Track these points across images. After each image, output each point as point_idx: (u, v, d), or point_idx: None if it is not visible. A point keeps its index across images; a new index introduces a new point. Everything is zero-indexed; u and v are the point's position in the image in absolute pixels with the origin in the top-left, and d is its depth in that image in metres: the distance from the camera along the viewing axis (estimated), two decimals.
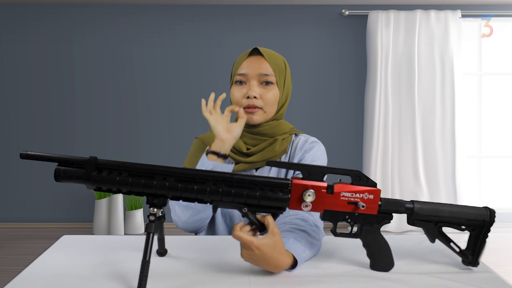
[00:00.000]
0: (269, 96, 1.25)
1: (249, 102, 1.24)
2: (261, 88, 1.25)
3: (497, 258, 3.42)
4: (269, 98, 1.25)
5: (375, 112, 4.15)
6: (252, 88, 1.24)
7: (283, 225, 1.08)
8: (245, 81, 1.26)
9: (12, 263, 3.27)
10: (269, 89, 1.25)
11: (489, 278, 0.89)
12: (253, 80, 1.25)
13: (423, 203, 0.93)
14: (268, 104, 1.25)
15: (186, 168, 0.87)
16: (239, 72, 1.26)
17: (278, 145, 1.27)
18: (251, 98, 1.24)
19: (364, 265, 0.96)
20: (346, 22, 4.30)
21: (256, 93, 1.24)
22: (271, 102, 1.26)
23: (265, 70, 1.25)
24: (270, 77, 1.25)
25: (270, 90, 1.26)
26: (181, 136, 4.33)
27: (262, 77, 1.25)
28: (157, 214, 0.85)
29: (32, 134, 4.30)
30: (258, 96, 1.24)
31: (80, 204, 4.33)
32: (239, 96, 1.25)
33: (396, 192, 4.22)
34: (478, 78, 4.41)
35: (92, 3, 4.25)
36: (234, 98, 1.27)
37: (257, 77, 1.25)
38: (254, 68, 1.25)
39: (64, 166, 0.86)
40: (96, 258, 0.98)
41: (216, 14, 4.29)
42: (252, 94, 1.23)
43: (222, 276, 0.89)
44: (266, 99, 1.25)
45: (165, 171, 0.86)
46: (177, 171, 0.86)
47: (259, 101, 1.24)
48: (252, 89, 1.24)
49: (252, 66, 1.25)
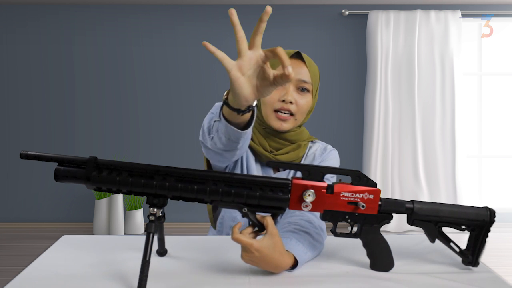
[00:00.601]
0: (303, 103, 1.22)
1: (284, 106, 1.20)
2: (297, 94, 1.22)
3: (497, 258, 3.42)
4: (303, 105, 1.22)
5: (375, 112, 4.15)
6: (290, 92, 1.20)
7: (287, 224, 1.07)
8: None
9: (12, 263, 3.27)
10: (304, 96, 1.23)
11: (489, 278, 0.89)
12: (291, 84, 1.22)
13: (423, 203, 0.93)
14: (301, 111, 1.23)
15: (186, 168, 0.87)
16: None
17: (301, 151, 1.27)
18: (287, 103, 1.20)
19: (364, 265, 0.96)
20: (346, 22, 4.30)
21: (293, 99, 1.21)
22: (304, 109, 1.23)
23: (304, 76, 1.22)
24: (308, 84, 1.22)
25: (305, 97, 1.23)
26: (181, 136, 4.33)
27: (301, 83, 1.22)
28: (157, 214, 0.85)
29: (32, 134, 4.30)
30: (294, 101, 1.21)
31: (80, 204, 4.33)
32: (273, 98, 1.21)
33: (396, 192, 4.22)
34: (478, 78, 4.41)
35: (92, 3, 4.25)
36: (267, 99, 1.22)
37: (296, 82, 1.22)
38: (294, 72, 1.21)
39: (64, 166, 0.86)
40: (96, 258, 0.98)
41: (216, 14, 4.29)
42: (289, 99, 1.19)
43: (222, 276, 0.89)
44: (300, 105, 1.22)
45: (165, 171, 0.86)
46: (177, 171, 0.86)
47: (294, 107, 1.21)
48: (289, 93, 1.20)
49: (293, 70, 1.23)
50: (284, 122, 1.21)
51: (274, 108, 1.21)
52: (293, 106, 1.21)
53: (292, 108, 1.21)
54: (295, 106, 1.21)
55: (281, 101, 1.20)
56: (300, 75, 1.22)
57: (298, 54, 1.25)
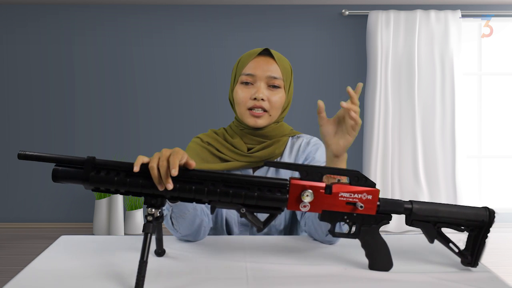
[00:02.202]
0: (276, 99, 1.23)
1: (256, 103, 1.21)
2: (268, 91, 1.23)
3: (497, 258, 3.41)
4: (275, 101, 1.23)
5: (375, 112, 4.15)
6: (260, 90, 1.22)
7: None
8: (252, 82, 1.23)
9: (12, 263, 3.27)
10: (276, 92, 1.24)
11: (487, 278, 0.89)
12: (261, 81, 1.23)
13: (421, 204, 0.93)
14: (274, 107, 1.24)
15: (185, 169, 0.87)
16: (246, 72, 1.24)
17: (279, 147, 1.27)
18: (259, 100, 1.21)
19: (362, 265, 0.96)
20: (346, 22, 4.29)
21: (264, 95, 1.22)
22: (277, 105, 1.24)
23: (274, 72, 1.23)
24: (278, 80, 1.23)
25: (277, 93, 1.24)
26: (181, 136, 4.33)
27: (271, 80, 1.23)
28: (155, 214, 0.85)
29: (32, 134, 4.30)
30: (265, 98, 1.22)
31: (80, 204, 4.33)
32: (245, 97, 1.23)
33: (396, 192, 4.21)
34: (478, 78, 4.41)
35: (92, 3, 4.25)
36: (239, 98, 1.24)
37: (266, 79, 1.23)
38: (263, 70, 1.22)
39: (62, 167, 0.86)
40: (94, 258, 0.98)
41: (216, 14, 4.29)
42: (260, 96, 1.21)
43: (220, 277, 0.89)
44: (273, 102, 1.23)
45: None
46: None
47: (266, 104, 1.22)
48: (260, 91, 1.21)
49: (261, 68, 1.23)
50: (259, 119, 1.23)
51: (247, 106, 1.23)
52: (265, 103, 1.22)
53: (265, 105, 1.22)
54: (267, 103, 1.23)
55: (253, 99, 1.22)
56: (270, 71, 1.22)
57: (267, 51, 1.25)
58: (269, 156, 1.25)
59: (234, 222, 1.29)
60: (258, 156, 1.25)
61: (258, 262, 0.97)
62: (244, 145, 1.27)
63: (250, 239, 1.15)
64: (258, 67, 1.23)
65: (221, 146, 1.28)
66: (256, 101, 1.21)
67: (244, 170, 1.28)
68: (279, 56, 1.26)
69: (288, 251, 1.05)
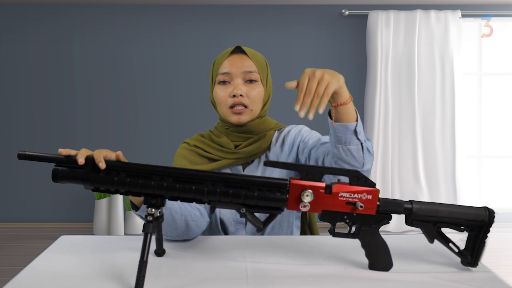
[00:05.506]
0: (255, 93, 1.25)
1: (236, 100, 1.23)
2: (246, 86, 1.25)
3: (497, 258, 3.41)
4: (254, 96, 1.25)
5: (375, 112, 4.15)
6: (238, 86, 1.23)
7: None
8: (229, 80, 1.25)
9: (12, 263, 3.27)
10: (253, 87, 1.25)
11: (487, 278, 0.89)
12: (237, 78, 1.24)
13: (421, 203, 0.93)
14: (254, 102, 1.25)
15: (184, 169, 0.87)
16: (221, 71, 1.25)
17: (265, 142, 1.28)
18: (237, 97, 1.23)
19: (362, 265, 0.96)
20: (346, 22, 4.29)
21: (242, 91, 1.23)
22: (256, 99, 1.26)
23: (249, 67, 1.25)
24: (254, 74, 1.25)
25: (255, 87, 1.25)
26: (181, 136, 4.33)
27: (247, 74, 1.24)
28: (155, 214, 0.85)
29: (32, 134, 4.30)
30: (244, 94, 1.24)
31: (80, 204, 4.33)
32: (224, 96, 1.25)
33: (396, 192, 4.21)
34: (478, 78, 4.41)
35: (92, 3, 4.25)
36: (219, 98, 1.26)
37: (242, 75, 1.24)
38: (237, 66, 1.24)
39: (62, 167, 0.86)
40: (94, 259, 0.98)
41: (216, 14, 4.29)
42: (238, 92, 1.22)
43: (220, 277, 0.89)
44: (252, 96, 1.25)
45: (163, 171, 0.85)
46: (175, 171, 0.86)
47: (246, 99, 1.24)
48: (238, 87, 1.23)
49: (236, 65, 1.24)
50: (241, 115, 1.24)
51: (228, 105, 1.24)
52: (245, 98, 1.24)
53: (244, 100, 1.24)
54: (246, 98, 1.24)
55: (232, 96, 1.23)
56: (244, 67, 1.24)
57: (239, 48, 1.27)
58: (256, 151, 1.27)
59: (229, 221, 1.29)
60: (245, 152, 1.26)
61: (258, 262, 0.97)
62: (230, 143, 1.28)
63: (250, 239, 1.15)
64: (233, 65, 1.25)
65: (208, 147, 1.30)
66: (235, 98, 1.23)
67: (233, 168, 1.29)
68: (251, 51, 1.28)
69: (288, 251, 1.05)
